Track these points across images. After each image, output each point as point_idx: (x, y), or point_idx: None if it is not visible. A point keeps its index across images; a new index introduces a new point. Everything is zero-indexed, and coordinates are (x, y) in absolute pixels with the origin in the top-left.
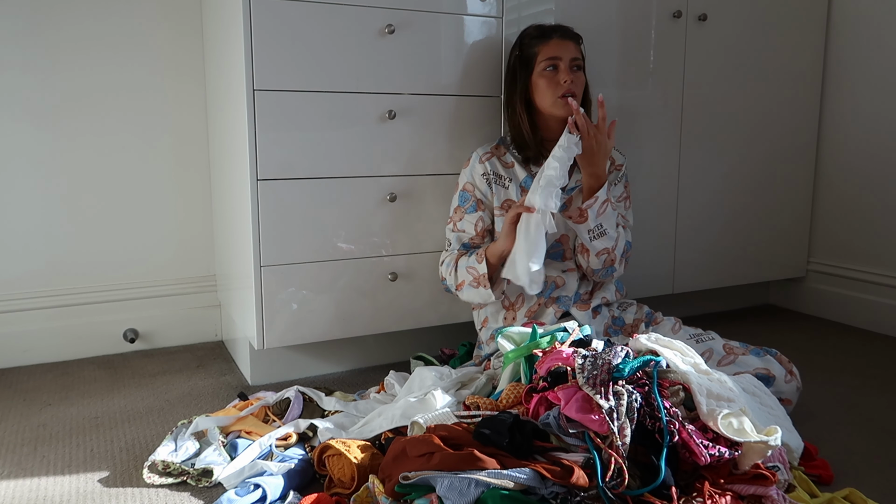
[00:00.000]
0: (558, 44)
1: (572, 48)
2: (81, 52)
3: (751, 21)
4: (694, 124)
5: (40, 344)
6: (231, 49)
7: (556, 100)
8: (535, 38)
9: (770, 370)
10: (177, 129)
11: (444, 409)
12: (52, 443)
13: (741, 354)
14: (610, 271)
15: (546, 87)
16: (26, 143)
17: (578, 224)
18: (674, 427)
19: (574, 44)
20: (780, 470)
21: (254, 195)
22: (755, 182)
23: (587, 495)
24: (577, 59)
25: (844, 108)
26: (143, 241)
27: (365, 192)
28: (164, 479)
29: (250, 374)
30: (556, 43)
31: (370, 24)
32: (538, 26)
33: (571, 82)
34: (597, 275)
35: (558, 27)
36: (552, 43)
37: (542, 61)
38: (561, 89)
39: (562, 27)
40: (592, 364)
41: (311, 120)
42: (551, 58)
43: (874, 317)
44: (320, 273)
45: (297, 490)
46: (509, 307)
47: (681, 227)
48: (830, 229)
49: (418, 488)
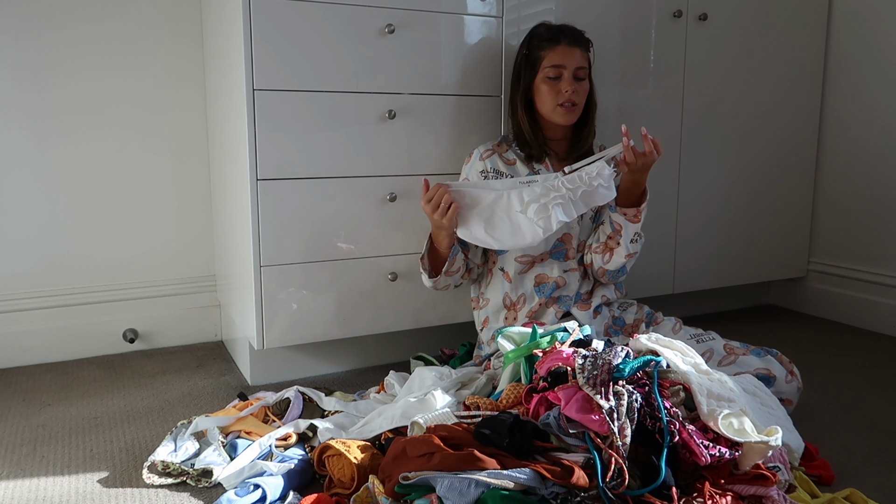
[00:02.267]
0: (564, 51)
1: (578, 56)
2: (81, 52)
3: (751, 21)
4: (694, 124)
5: (40, 344)
6: (231, 49)
7: (555, 107)
8: (543, 41)
9: (771, 370)
10: (177, 129)
11: (444, 409)
12: (52, 443)
13: (742, 355)
14: (622, 272)
15: (547, 93)
16: (26, 144)
17: (631, 223)
18: (674, 427)
19: (581, 51)
20: (780, 470)
21: (253, 195)
22: (755, 182)
23: (587, 495)
24: (583, 68)
25: (845, 107)
26: (143, 241)
27: (365, 192)
28: (164, 480)
29: (250, 374)
30: (563, 50)
31: (370, 24)
32: (549, 27)
33: (574, 92)
34: (608, 276)
35: (568, 31)
36: (558, 50)
37: (547, 67)
38: (561, 98)
39: (572, 32)
40: (593, 364)
41: (310, 120)
42: (556, 65)
43: (874, 317)
44: (320, 273)
45: (296, 490)
46: (510, 307)
47: (681, 226)
48: (830, 229)
49: (418, 488)
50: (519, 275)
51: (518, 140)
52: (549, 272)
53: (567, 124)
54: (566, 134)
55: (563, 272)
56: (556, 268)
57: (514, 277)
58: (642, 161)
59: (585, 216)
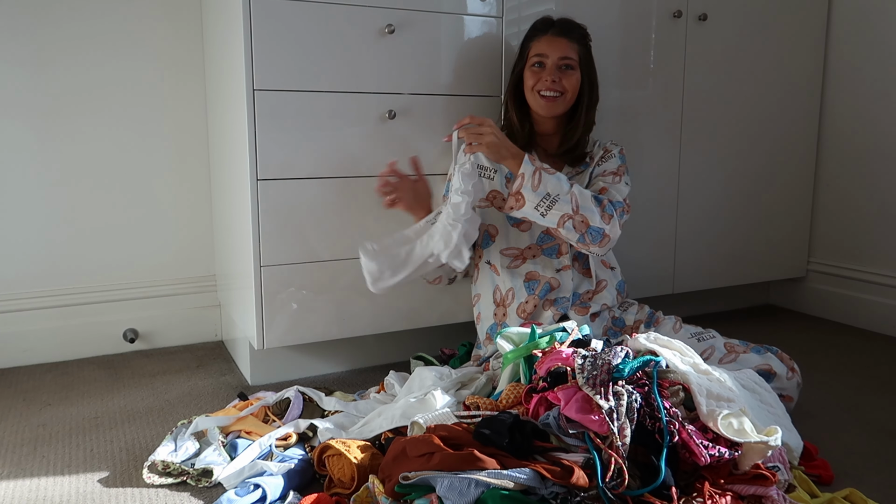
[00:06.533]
0: (550, 41)
1: (564, 46)
2: (80, 52)
3: (751, 21)
4: (694, 124)
5: (40, 344)
6: (231, 49)
7: (536, 95)
8: (536, 30)
9: (772, 367)
10: (177, 130)
11: (444, 409)
12: (52, 443)
13: (742, 352)
14: (595, 235)
15: (529, 80)
16: (26, 144)
17: (521, 210)
18: (674, 427)
19: (567, 41)
20: (780, 470)
21: (254, 195)
22: (755, 182)
23: (587, 495)
24: (568, 59)
25: (845, 107)
26: (143, 241)
27: (365, 192)
28: (164, 480)
29: (250, 374)
30: (548, 40)
31: (370, 24)
32: (545, 19)
33: (555, 81)
34: (581, 244)
35: (559, 23)
36: (544, 39)
37: (532, 56)
38: (540, 85)
39: (563, 23)
40: (592, 364)
41: (310, 120)
42: (539, 54)
43: (874, 317)
44: (320, 273)
45: (297, 490)
46: (500, 303)
47: (681, 227)
48: (830, 229)
49: (418, 488)
50: (507, 269)
51: (507, 132)
52: (540, 271)
53: (547, 115)
54: (557, 128)
55: (555, 272)
56: (548, 267)
57: (501, 271)
58: (476, 136)
59: None
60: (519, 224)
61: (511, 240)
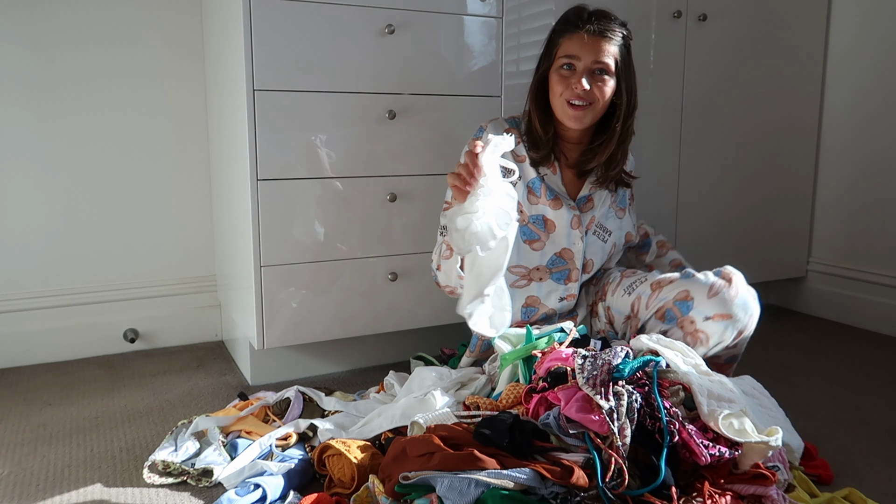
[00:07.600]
0: (583, 41)
1: (600, 49)
2: (80, 52)
3: (751, 21)
4: (694, 124)
5: (40, 344)
6: (231, 49)
7: (563, 103)
8: (567, 24)
9: (690, 292)
10: (177, 129)
11: (443, 409)
12: (53, 443)
13: (667, 285)
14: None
15: (556, 86)
16: (26, 143)
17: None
18: (674, 427)
19: (604, 43)
20: (780, 470)
21: (254, 195)
22: (755, 182)
23: (587, 495)
24: (602, 63)
25: (845, 107)
26: (144, 241)
27: (365, 192)
28: (164, 479)
29: (250, 374)
30: (581, 39)
31: (370, 24)
32: (579, 10)
33: (585, 91)
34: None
35: (597, 18)
36: (576, 38)
37: (561, 57)
38: (568, 94)
39: (601, 19)
40: (592, 364)
41: (310, 120)
42: (569, 55)
43: (874, 317)
44: (320, 273)
45: (297, 490)
46: None
47: (681, 226)
48: (830, 229)
49: (418, 488)
50: (511, 287)
51: (528, 136)
52: (543, 298)
53: (575, 127)
54: (581, 138)
55: (559, 300)
56: (553, 295)
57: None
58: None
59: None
60: (532, 241)
61: (521, 257)
